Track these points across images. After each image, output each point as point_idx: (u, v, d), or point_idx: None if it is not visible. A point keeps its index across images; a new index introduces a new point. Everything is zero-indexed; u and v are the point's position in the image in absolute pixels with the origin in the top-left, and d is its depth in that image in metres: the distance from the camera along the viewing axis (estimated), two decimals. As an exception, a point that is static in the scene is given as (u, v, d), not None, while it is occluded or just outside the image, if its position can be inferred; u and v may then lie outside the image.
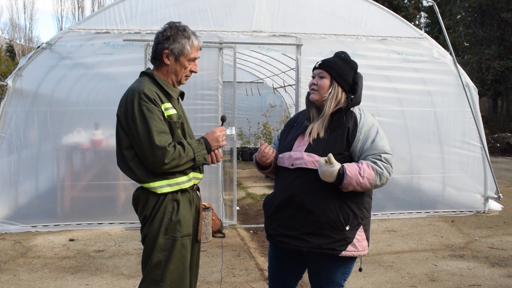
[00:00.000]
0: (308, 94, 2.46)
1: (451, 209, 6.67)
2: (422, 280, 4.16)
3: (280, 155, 2.44)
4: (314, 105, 2.44)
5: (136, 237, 5.34)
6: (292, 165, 2.31)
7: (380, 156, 2.24)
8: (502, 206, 6.97)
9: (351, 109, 2.37)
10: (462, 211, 6.67)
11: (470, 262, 4.64)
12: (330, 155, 2.16)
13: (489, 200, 6.80)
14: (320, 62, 2.43)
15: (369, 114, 2.40)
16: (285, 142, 2.46)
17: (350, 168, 2.18)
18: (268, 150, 2.43)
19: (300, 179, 2.28)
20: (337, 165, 2.16)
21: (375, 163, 2.22)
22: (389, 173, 2.24)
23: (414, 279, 4.19)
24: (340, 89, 2.36)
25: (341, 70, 2.36)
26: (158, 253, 2.26)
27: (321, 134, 2.30)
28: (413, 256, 4.84)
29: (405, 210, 6.56)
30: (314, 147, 2.29)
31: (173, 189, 2.28)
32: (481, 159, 6.76)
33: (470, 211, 6.69)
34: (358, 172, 2.17)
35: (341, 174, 2.15)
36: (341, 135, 2.28)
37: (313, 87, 2.40)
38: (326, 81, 2.36)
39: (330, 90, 2.35)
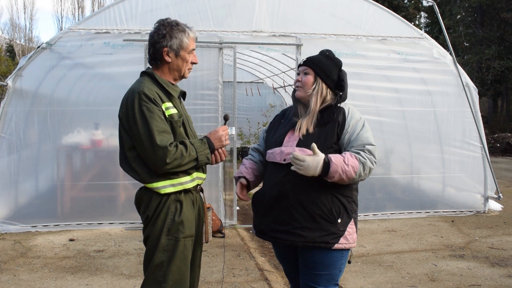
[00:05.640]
0: (294, 91, 2.49)
1: (451, 209, 6.67)
2: (422, 280, 4.16)
3: (270, 151, 2.45)
4: (301, 102, 2.47)
5: (136, 237, 5.34)
6: (284, 160, 2.33)
7: (363, 147, 2.28)
8: (502, 206, 6.97)
9: (339, 105, 2.41)
10: (462, 211, 6.66)
11: (470, 262, 4.64)
12: (314, 144, 2.18)
13: (489, 200, 6.79)
14: (304, 59, 2.48)
15: (356, 109, 2.44)
16: (274, 138, 2.48)
17: (334, 157, 2.21)
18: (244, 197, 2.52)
19: (293, 174, 2.28)
20: (321, 154, 2.18)
21: (358, 153, 2.27)
22: (372, 163, 2.27)
23: (414, 279, 4.19)
24: (324, 86, 2.40)
25: (324, 67, 2.40)
26: (160, 253, 2.25)
27: (310, 130, 2.33)
28: (413, 256, 4.84)
29: (405, 210, 6.56)
30: (305, 142, 2.31)
31: (176, 189, 2.28)
32: (481, 159, 6.75)
33: (470, 211, 6.68)
34: (342, 160, 2.20)
35: (327, 162, 2.18)
36: (332, 129, 2.32)
37: (298, 84, 2.44)
38: (310, 78, 2.40)
39: (314, 86, 2.39)
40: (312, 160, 2.16)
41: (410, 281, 4.15)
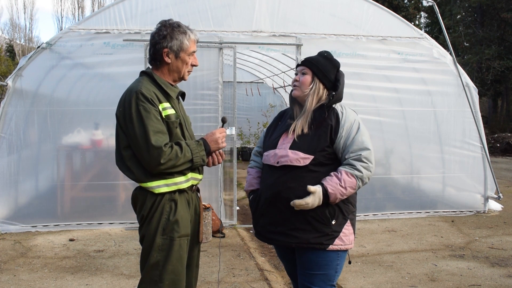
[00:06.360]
0: (291, 91, 2.50)
1: (451, 209, 6.67)
2: (422, 280, 4.16)
3: (265, 153, 2.47)
4: (297, 102, 2.48)
5: (136, 237, 5.34)
6: (278, 162, 2.35)
7: (360, 154, 2.28)
8: (502, 206, 6.97)
9: (333, 106, 2.41)
10: (462, 211, 6.66)
11: (470, 262, 4.64)
12: (309, 186, 2.23)
13: (489, 200, 6.80)
14: (302, 60, 2.51)
15: (350, 111, 2.44)
16: (270, 140, 2.50)
17: (331, 183, 2.24)
18: None
19: (286, 176, 2.31)
20: (318, 190, 2.23)
21: (354, 166, 2.27)
22: (369, 171, 2.30)
23: (414, 279, 4.19)
24: (321, 86, 2.41)
25: (322, 67, 2.42)
26: (156, 253, 2.26)
27: (305, 130, 2.35)
28: (413, 256, 4.84)
29: (405, 210, 6.56)
30: (299, 144, 2.32)
31: (170, 189, 2.28)
32: (481, 159, 6.75)
33: (470, 211, 6.68)
34: (339, 185, 2.24)
35: (325, 193, 2.24)
36: (324, 133, 2.32)
37: (295, 84, 2.46)
38: (307, 77, 2.42)
39: (311, 86, 2.41)
40: (313, 199, 2.22)
41: (410, 281, 4.15)
